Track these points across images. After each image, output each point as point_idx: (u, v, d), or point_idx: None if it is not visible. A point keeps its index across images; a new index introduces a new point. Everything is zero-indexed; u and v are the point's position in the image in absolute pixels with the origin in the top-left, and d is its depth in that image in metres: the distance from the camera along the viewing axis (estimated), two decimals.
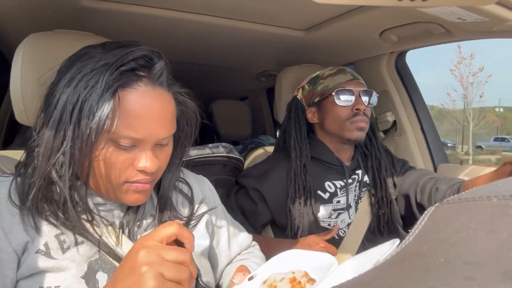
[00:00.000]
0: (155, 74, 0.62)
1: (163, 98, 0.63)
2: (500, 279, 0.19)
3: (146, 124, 0.60)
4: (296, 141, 1.23)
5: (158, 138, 0.63)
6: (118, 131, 0.59)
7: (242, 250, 0.92)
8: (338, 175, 1.23)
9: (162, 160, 0.66)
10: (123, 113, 0.59)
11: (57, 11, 1.12)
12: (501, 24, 0.97)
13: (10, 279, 0.57)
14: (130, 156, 0.61)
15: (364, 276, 0.26)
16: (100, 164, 0.61)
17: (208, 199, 0.86)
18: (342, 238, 1.20)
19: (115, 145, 0.60)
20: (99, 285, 0.61)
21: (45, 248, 0.60)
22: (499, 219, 0.23)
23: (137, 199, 0.66)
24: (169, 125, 0.65)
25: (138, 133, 0.60)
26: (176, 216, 0.75)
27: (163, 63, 0.64)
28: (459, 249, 0.23)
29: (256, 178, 1.22)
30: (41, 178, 0.59)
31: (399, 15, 1.14)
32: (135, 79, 0.60)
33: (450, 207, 0.27)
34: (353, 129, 1.18)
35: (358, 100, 1.20)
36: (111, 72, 0.58)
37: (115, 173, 0.61)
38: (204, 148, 1.43)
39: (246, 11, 1.22)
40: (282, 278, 0.58)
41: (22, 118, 0.89)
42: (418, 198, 1.18)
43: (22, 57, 0.86)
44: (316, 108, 1.26)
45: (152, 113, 0.61)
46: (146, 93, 0.61)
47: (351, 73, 1.26)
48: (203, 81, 2.37)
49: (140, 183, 0.63)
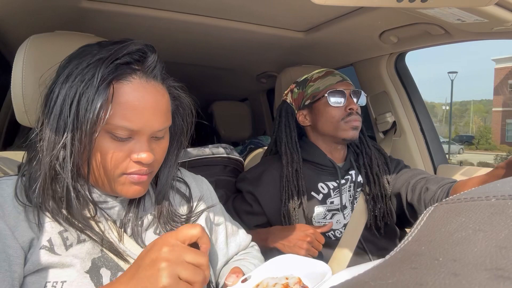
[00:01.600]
0: (149, 67, 0.65)
1: (157, 90, 0.66)
2: (486, 276, 0.19)
3: (141, 115, 0.62)
4: (287, 146, 1.24)
5: (153, 130, 0.65)
6: (114, 122, 0.61)
7: (240, 249, 0.93)
8: (331, 176, 1.24)
9: (158, 154, 0.68)
10: (119, 105, 0.61)
11: (58, 12, 1.13)
12: (501, 25, 0.97)
13: (18, 274, 0.58)
14: (126, 148, 0.63)
15: (364, 276, 0.26)
16: (98, 156, 0.62)
17: (206, 198, 0.87)
18: (338, 238, 1.21)
19: (112, 137, 0.62)
20: (103, 280, 0.62)
21: (49, 244, 0.61)
22: (498, 219, 0.23)
23: (135, 191, 0.66)
24: (164, 117, 0.66)
25: (133, 124, 0.62)
26: (174, 213, 0.76)
27: (156, 56, 0.67)
28: (458, 249, 0.23)
29: (251, 182, 1.24)
30: (45, 171, 0.61)
31: (398, 16, 1.14)
32: (129, 72, 0.63)
33: (449, 207, 0.27)
34: (348, 128, 1.20)
35: (350, 100, 1.22)
36: (106, 66, 0.61)
37: (112, 165, 0.63)
38: (204, 149, 1.43)
39: (247, 13, 1.22)
40: (275, 283, 0.59)
41: (23, 119, 0.89)
42: (408, 197, 1.19)
43: (23, 58, 0.87)
44: (308, 110, 1.27)
45: (147, 105, 0.63)
46: (140, 85, 0.63)
47: (340, 74, 1.28)
48: (203, 82, 2.38)
49: (137, 174, 0.65)
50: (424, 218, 0.28)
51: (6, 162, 0.86)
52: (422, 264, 0.24)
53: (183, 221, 0.77)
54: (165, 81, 0.69)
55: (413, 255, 0.25)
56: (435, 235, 0.26)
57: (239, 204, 1.26)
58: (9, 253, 0.58)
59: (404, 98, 1.60)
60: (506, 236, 0.22)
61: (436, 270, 0.22)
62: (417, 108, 1.59)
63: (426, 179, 1.17)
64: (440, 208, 0.28)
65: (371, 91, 1.66)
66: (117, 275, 0.64)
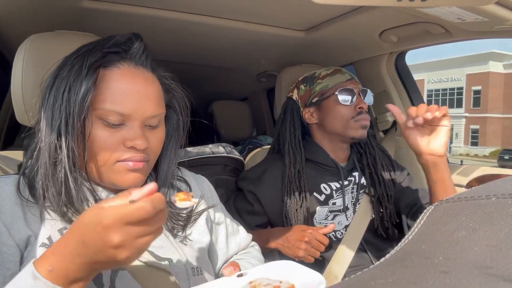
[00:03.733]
0: (136, 53, 0.68)
1: (146, 77, 0.68)
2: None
3: (131, 100, 0.64)
4: (291, 145, 1.23)
5: (145, 115, 0.65)
6: (105, 107, 0.63)
7: (240, 249, 0.93)
8: (334, 177, 1.23)
9: (152, 143, 0.68)
10: (108, 90, 0.64)
11: (58, 12, 1.13)
12: (501, 24, 0.97)
13: (12, 272, 0.58)
14: (119, 134, 0.64)
15: (364, 275, 0.26)
16: (93, 145, 0.64)
17: (206, 197, 0.87)
18: (339, 239, 1.20)
19: (104, 124, 0.64)
20: (103, 279, 0.63)
21: (49, 241, 0.62)
22: (498, 217, 0.23)
23: (133, 179, 0.66)
24: (156, 103, 0.67)
25: (124, 108, 0.63)
26: (175, 212, 0.76)
27: (142, 43, 0.69)
28: (458, 248, 0.23)
29: (252, 181, 1.23)
30: (45, 160, 0.63)
31: (398, 15, 1.14)
32: (117, 59, 0.66)
33: (449, 206, 0.27)
34: (358, 127, 1.19)
35: (359, 99, 1.21)
36: (94, 54, 0.65)
37: (106, 153, 0.64)
38: (205, 148, 1.43)
39: (247, 12, 1.22)
40: (268, 283, 0.60)
41: (23, 119, 0.89)
42: (409, 222, 1.22)
43: (23, 57, 0.86)
44: (315, 108, 1.26)
45: (136, 90, 0.65)
46: (128, 70, 0.66)
47: (348, 73, 1.27)
48: (203, 82, 2.38)
49: (131, 161, 0.65)
50: (424, 217, 0.28)
51: (6, 161, 0.86)
52: (422, 263, 0.23)
53: (184, 219, 0.77)
54: (155, 70, 0.71)
55: (414, 254, 0.25)
56: (435, 234, 0.26)
57: (240, 204, 1.25)
58: (3, 251, 0.59)
59: (404, 97, 1.59)
60: (507, 235, 0.22)
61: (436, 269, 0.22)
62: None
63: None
64: (440, 207, 0.28)
65: (372, 90, 1.65)
66: (117, 273, 0.64)
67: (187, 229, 0.77)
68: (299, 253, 1.05)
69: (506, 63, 26.39)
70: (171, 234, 0.74)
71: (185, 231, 0.76)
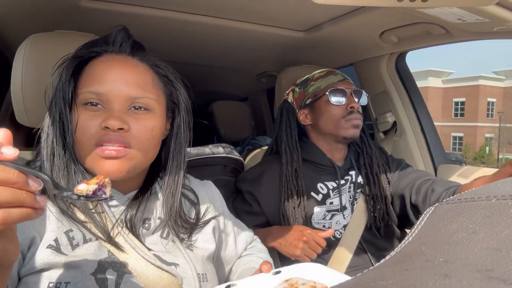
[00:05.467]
0: (118, 42, 0.71)
1: (127, 61, 0.70)
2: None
3: (107, 79, 0.66)
4: (287, 145, 1.25)
5: (122, 96, 0.65)
6: (83, 90, 0.66)
7: (247, 245, 0.95)
8: (330, 176, 1.24)
9: (136, 128, 0.65)
10: (87, 76, 0.67)
11: (58, 12, 1.13)
12: (501, 25, 0.97)
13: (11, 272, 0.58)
14: (98, 117, 0.65)
15: (364, 276, 0.26)
16: (77, 132, 0.65)
17: (215, 204, 0.87)
18: (338, 239, 1.21)
19: (86, 107, 0.66)
20: (108, 282, 0.62)
21: (56, 243, 0.61)
22: (498, 219, 0.23)
23: (111, 168, 0.63)
24: (137, 85, 0.67)
25: (99, 87, 0.65)
26: (184, 219, 0.75)
27: (123, 33, 0.72)
28: (458, 250, 0.23)
29: (251, 182, 1.25)
30: (47, 151, 0.66)
31: (399, 16, 1.14)
32: (100, 52, 0.70)
33: (449, 207, 0.27)
34: (349, 127, 1.20)
35: (351, 99, 1.22)
36: (80, 51, 0.70)
37: (86, 136, 0.64)
38: (204, 148, 1.43)
39: (247, 12, 1.22)
40: (304, 283, 0.61)
41: (23, 119, 0.89)
42: (413, 199, 1.19)
43: (22, 57, 0.86)
44: (309, 109, 1.28)
45: (114, 71, 0.67)
46: (109, 58, 0.69)
47: (341, 74, 1.28)
48: (203, 82, 2.38)
49: (109, 143, 0.63)
50: (424, 218, 0.28)
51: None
52: (422, 265, 0.23)
53: (192, 227, 0.76)
54: (144, 59, 0.72)
55: (414, 256, 0.25)
56: (435, 235, 0.25)
57: (239, 204, 1.26)
58: None
59: (404, 98, 1.59)
60: (507, 236, 0.22)
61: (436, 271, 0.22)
62: (418, 108, 1.59)
63: (432, 181, 1.17)
64: (441, 208, 0.28)
65: (372, 91, 1.66)
66: (123, 277, 0.63)
67: (193, 235, 0.77)
68: (296, 252, 1.05)
69: (444, 78, 32.79)
70: (178, 239, 0.73)
71: (191, 237, 0.76)
